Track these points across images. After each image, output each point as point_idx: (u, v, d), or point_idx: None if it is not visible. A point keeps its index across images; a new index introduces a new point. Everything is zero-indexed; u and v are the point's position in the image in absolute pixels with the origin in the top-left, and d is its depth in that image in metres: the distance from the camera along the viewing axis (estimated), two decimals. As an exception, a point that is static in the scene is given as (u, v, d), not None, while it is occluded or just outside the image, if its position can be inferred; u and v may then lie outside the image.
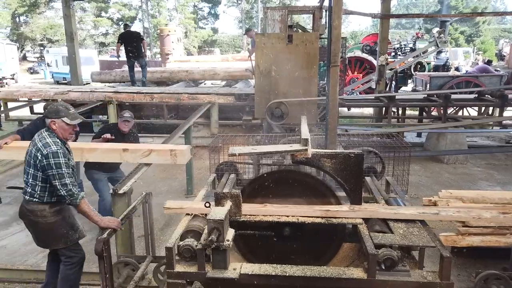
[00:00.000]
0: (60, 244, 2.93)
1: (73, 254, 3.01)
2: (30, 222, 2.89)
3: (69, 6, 10.25)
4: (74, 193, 2.77)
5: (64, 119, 2.84)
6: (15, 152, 4.00)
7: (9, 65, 24.97)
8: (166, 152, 3.89)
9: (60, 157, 2.75)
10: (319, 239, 2.80)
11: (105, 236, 2.63)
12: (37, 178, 2.81)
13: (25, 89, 9.45)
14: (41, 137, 2.82)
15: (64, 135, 2.89)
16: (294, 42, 6.02)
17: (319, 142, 4.36)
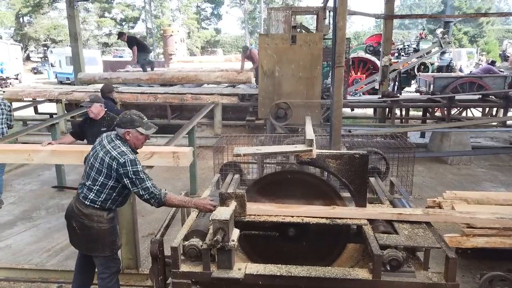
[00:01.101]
0: (107, 251, 2.88)
1: (112, 264, 2.97)
2: (82, 225, 2.81)
3: (73, 7, 10.29)
4: (156, 194, 2.70)
5: (139, 129, 2.78)
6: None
7: (13, 65, 25.09)
8: (169, 154, 3.85)
9: (137, 164, 2.71)
10: (323, 239, 2.80)
11: (158, 238, 2.62)
12: (105, 186, 2.76)
13: (29, 89, 9.51)
14: (114, 145, 2.75)
15: (137, 144, 2.85)
16: (297, 42, 6.03)
17: (323, 143, 4.37)
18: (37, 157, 3.91)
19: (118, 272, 3.05)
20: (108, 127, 4.31)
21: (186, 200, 2.76)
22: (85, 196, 2.79)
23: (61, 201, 5.69)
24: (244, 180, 3.95)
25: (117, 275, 3.03)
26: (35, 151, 3.88)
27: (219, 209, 2.52)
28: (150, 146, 4.43)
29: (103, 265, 2.93)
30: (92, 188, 2.77)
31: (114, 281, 2.99)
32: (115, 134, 2.85)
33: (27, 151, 3.92)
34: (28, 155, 3.89)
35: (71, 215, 2.87)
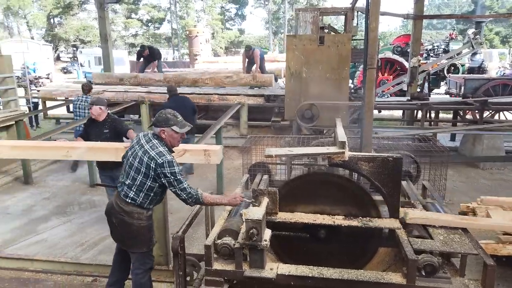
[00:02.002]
0: (144, 248, 2.96)
1: (147, 260, 3.04)
2: (122, 222, 2.88)
3: (103, 9, 10.58)
4: (193, 194, 2.76)
5: (173, 127, 2.83)
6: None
7: (44, 65, 25.93)
8: (200, 152, 3.91)
9: (175, 165, 2.76)
10: (355, 242, 2.79)
11: (180, 234, 2.69)
12: (144, 186, 2.82)
13: (62, 88, 9.84)
14: (152, 145, 2.80)
15: (172, 143, 2.90)
16: (325, 43, 6.00)
17: (351, 144, 4.33)
18: (75, 154, 4.04)
19: (152, 269, 3.12)
20: (110, 128, 4.41)
21: (220, 198, 2.88)
22: (126, 194, 2.86)
23: (92, 197, 5.87)
24: (273, 181, 3.98)
25: (150, 272, 3.10)
26: (73, 148, 4.01)
27: (252, 209, 2.55)
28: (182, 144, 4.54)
29: (139, 261, 3.00)
30: (132, 186, 2.84)
31: (147, 278, 3.06)
32: (152, 133, 2.90)
33: (65, 148, 4.05)
34: (67, 152, 4.02)
35: (111, 212, 2.95)
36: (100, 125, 4.41)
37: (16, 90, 8.13)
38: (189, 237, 4.58)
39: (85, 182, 6.44)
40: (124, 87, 9.20)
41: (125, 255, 3.13)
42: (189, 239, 4.56)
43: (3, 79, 7.81)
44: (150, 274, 3.11)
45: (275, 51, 27.15)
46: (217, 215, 4.00)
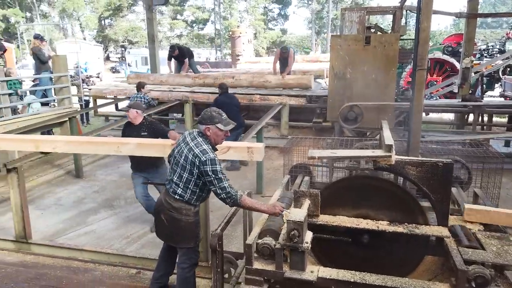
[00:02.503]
0: (191, 243, 3.06)
1: (193, 255, 3.13)
2: (171, 218, 2.97)
3: (151, 10, 10.95)
4: (232, 194, 2.80)
5: (218, 125, 2.89)
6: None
7: (95, 65, 27.27)
8: (244, 149, 3.98)
9: (217, 163, 2.82)
10: (399, 249, 2.70)
11: (218, 232, 2.75)
12: (190, 183, 2.90)
13: (112, 87, 10.30)
14: (197, 143, 2.88)
15: (217, 140, 2.96)
16: (372, 43, 5.85)
17: (396, 148, 4.20)
18: (125, 149, 4.22)
19: (196, 264, 3.20)
20: (148, 131, 4.50)
21: (259, 204, 2.84)
22: (174, 191, 2.95)
23: (137, 193, 6.09)
24: (314, 183, 3.94)
25: (195, 268, 3.18)
26: (123, 144, 4.19)
27: (294, 210, 2.53)
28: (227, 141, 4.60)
29: (185, 255, 3.10)
30: (179, 183, 2.93)
31: (192, 273, 3.15)
32: (198, 131, 2.98)
33: (116, 143, 4.24)
34: (117, 147, 4.21)
35: (160, 209, 3.04)
36: (137, 128, 4.53)
37: (70, 88, 8.59)
38: (228, 235, 4.64)
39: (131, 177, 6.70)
40: (168, 87, 9.46)
41: (171, 251, 3.24)
42: (228, 237, 4.61)
43: (59, 78, 8.29)
44: (194, 270, 3.19)
45: (317, 51, 26.84)
46: (255, 215, 4.03)
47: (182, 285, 3.13)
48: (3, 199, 5.75)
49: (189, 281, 3.15)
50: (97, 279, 3.73)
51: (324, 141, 5.08)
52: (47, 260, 4.13)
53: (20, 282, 3.67)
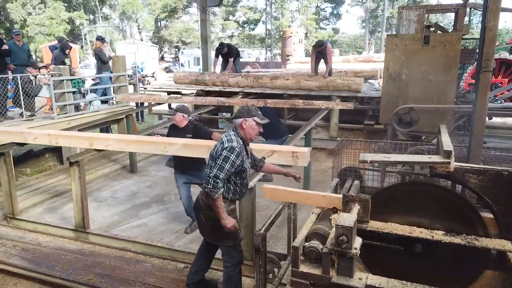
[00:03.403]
0: (230, 242, 3.08)
1: (235, 254, 3.15)
2: (208, 217, 3.03)
3: (205, 12, 11.22)
4: (217, 187, 2.85)
5: (255, 118, 3.02)
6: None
7: (150, 65, 28.55)
8: (288, 153, 3.93)
9: (233, 153, 2.87)
10: (455, 261, 2.54)
11: (262, 232, 2.78)
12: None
13: (165, 87, 10.69)
14: (227, 135, 3.03)
15: (251, 134, 3.05)
16: (431, 43, 5.55)
17: (455, 154, 3.96)
18: (171, 149, 4.36)
19: (241, 262, 3.22)
20: (193, 134, 4.56)
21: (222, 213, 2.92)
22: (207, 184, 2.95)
23: (187, 189, 6.26)
24: (364, 187, 3.82)
25: (240, 266, 3.20)
26: (170, 144, 4.33)
27: (343, 215, 2.47)
28: (271, 145, 4.57)
29: (226, 254, 3.14)
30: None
31: (237, 271, 3.18)
32: (232, 128, 3.11)
33: (163, 143, 4.39)
34: (164, 147, 4.36)
35: (198, 208, 3.12)
36: (182, 131, 4.62)
37: (127, 87, 9.04)
38: (274, 236, 4.63)
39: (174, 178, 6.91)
40: (217, 87, 9.62)
41: (210, 249, 3.32)
42: (274, 238, 4.60)
43: (118, 77, 8.74)
44: (240, 268, 3.22)
45: (370, 50, 26.08)
46: (300, 217, 3.98)
47: (227, 283, 3.17)
48: (65, 190, 6.17)
49: (233, 280, 3.17)
50: (147, 271, 3.88)
51: (376, 144, 4.91)
52: (102, 250, 4.37)
53: (78, 268, 3.92)
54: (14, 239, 4.60)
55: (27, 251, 4.30)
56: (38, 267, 3.94)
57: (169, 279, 3.73)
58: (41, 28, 34.50)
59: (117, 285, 3.63)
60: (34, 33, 34.12)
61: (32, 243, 4.51)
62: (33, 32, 34.08)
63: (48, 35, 34.10)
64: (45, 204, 5.75)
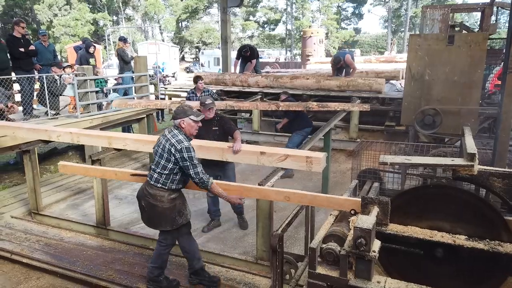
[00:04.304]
0: (168, 227, 3.36)
1: (170, 238, 3.47)
2: (149, 204, 3.32)
3: (226, 12, 11.27)
4: (204, 180, 3.21)
5: (191, 117, 3.27)
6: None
7: (171, 65, 28.90)
8: (302, 158, 3.82)
9: (191, 150, 3.19)
10: (477, 267, 2.47)
11: (279, 232, 2.78)
12: (166, 168, 3.24)
13: (185, 87, 10.79)
14: (173, 134, 3.25)
15: (191, 131, 3.32)
16: (456, 43, 5.41)
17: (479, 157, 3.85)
18: None
19: (173, 244, 3.55)
20: (219, 126, 4.54)
21: (223, 194, 3.32)
22: (151, 177, 3.31)
23: (204, 189, 6.31)
24: (383, 190, 3.76)
25: (171, 247, 3.55)
26: None
27: (361, 217, 2.43)
28: (285, 149, 4.49)
29: (162, 236, 3.49)
30: (156, 169, 3.28)
31: (168, 250, 3.54)
32: (173, 125, 3.35)
33: None
34: None
35: (140, 196, 3.41)
36: (209, 122, 4.57)
37: (148, 87, 9.18)
38: (291, 237, 4.61)
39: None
40: (237, 87, 9.65)
41: None
42: (291, 239, 4.58)
43: (139, 77, 8.89)
44: (170, 248, 3.56)
45: (393, 51, 25.67)
46: (317, 219, 3.95)
47: (156, 258, 3.53)
48: (87, 187, 6.31)
49: (162, 257, 3.53)
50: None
51: (397, 146, 4.84)
52: (122, 246, 4.44)
53: (98, 264, 4.00)
54: (38, 234, 4.73)
55: (50, 246, 4.41)
56: (60, 262, 4.04)
57: (186, 277, 3.77)
58: (67, 29, 35.48)
59: (136, 281, 3.69)
60: (59, 34, 35.12)
61: (55, 238, 4.63)
62: (58, 33, 35.08)
63: (73, 36, 35.04)
64: (67, 201, 5.89)
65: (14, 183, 6.65)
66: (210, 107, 4.51)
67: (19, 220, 5.16)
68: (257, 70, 10.52)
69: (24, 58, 7.02)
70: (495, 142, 3.30)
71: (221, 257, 4.10)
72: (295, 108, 6.46)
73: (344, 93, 8.29)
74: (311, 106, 6.51)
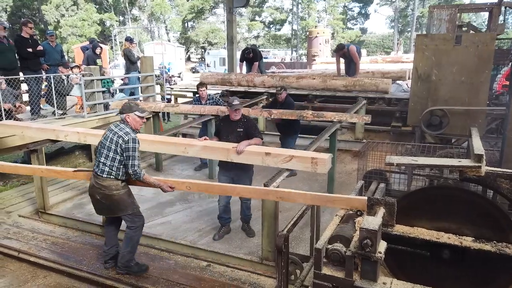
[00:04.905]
0: (129, 210, 3.61)
1: (137, 219, 3.68)
2: (105, 195, 3.52)
3: (232, 13, 11.29)
4: (138, 172, 3.48)
5: (136, 113, 3.55)
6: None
7: (177, 65, 28.97)
8: (307, 159, 3.81)
9: (136, 142, 3.48)
10: (484, 268, 2.46)
11: (284, 233, 2.78)
12: (115, 160, 3.49)
13: (191, 87, 10.81)
14: (120, 128, 3.53)
15: (136, 126, 3.59)
16: (463, 43, 5.37)
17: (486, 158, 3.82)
18: (191, 151, 4.40)
19: (143, 225, 3.78)
20: (244, 128, 4.48)
21: (155, 182, 3.58)
22: (102, 171, 3.51)
23: (211, 188, 6.31)
24: (389, 190, 3.74)
25: (142, 228, 3.77)
26: (190, 145, 4.36)
27: (367, 218, 2.42)
28: (290, 150, 4.41)
29: (130, 221, 3.66)
30: (106, 163, 3.49)
31: (139, 232, 3.75)
32: (120, 120, 3.62)
33: (184, 144, 4.42)
34: (184, 148, 4.40)
35: (93, 191, 3.59)
36: (235, 123, 4.54)
37: (154, 87, 9.21)
38: (296, 237, 4.60)
39: (205, 173, 6.98)
40: (243, 87, 9.66)
41: (114, 226, 3.86)
42: (296, 240, 4.58)
43: (145, 77, 8.93)
44: (141, 229, 3.78)
45: (399, 51, 25.54)
46: (323, 219, 3.94)
47: (128, 241, 3.69)
48: (93, 186, 6.35)
49: (135, 239, 3.72)
50: (171, 268, 3.94)
51: (403, 146, 4.81)
52: (128, 246, 4.46)
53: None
54: (45, 233, 4.77)
55: (57, 245, 4.45)
56: (67, 261, 4.07)
57: (192, 277, 3.78)
58: (73, 30, 35.71)
59: (142, 281, 3.70)
60: (66, 34, 35.36)
61: (62, 237, 4.67)
62: (65, 33, 35.32)
63: (79, 36, 35.27)
64: (74, 200, 5.93)
65: (22, 182, 6.70)
66: (236, 108, 4.48)
67: (27, 219, 5.20)
68: (262, 71, 10.53)
69: (32, 58, 7.07)
70: (502, 143, 3.27)
71: (226, 257, 4.10)
72: (289, 116, 6.08)
73: (350, 93, 8.25)
74: (306, 116, 6.00)
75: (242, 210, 4.73)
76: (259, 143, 4.29)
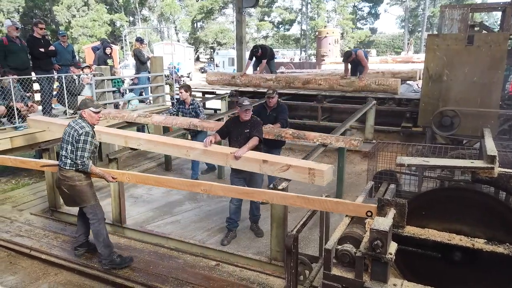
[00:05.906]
0: (92, 201, 3.86)
1: (98, 211, 3.90)
2: (69, 186, 3.77)
3: (241, 13, 11.31)
4: (86, 164, 3.69)
5: (91, 108, 3.78)
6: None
7: (186, 65, 29.11)
8: (305, 169, 3.58)
9: (89, 136, 3.70)
10: (496, 270, 2.42)
11: (294, 233, 2.78)
12: (74, 152, 3.71)
13: (200, 87, 10.87)
14: (77, 123, 3.77)
15: (91, 121, 3.81)
16: (475, 43, 5.31)
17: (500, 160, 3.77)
18: (193, 154, 4.36)
19: (104, 218, 4.00)
20: (251, 129, 4.41)
21: (100, 173, 3.79)
22: (65, 163, 3.76)
23: (219, 188, 6.32)
24: (400, 191, 3.71)
25: (104, 221, 3.98)
26: (192, 148, 4.30)
27: (378, 219, 2.41)
28: (289, 158, 4.22)
29: (91, 213, 3.87)
30: (67, 156, 3.74)
31: (103, 225, 3.93)
32: (78, 117, 3.84)
33: (186, 147, 4.37)
34: (186, 151, 4.36)
35: (59, 183, 3.83)
36: (243, 124, 4.51)
37: (164, 87, 9.26)
38: (305, 238, 4.59)
39: (214, 173, 6.99)
40: (251, 88, 9.67)
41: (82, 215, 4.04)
42: (305, 240, 4.56)
43: (155, 78, 8.98)
44: (104, 223, 3.97)
45: (409, 51, 25.33)
46: (332, 220, 3.92)
47: (97, 236, 3.88)
48: (103, 186, 6.39)
49: (102, 233, 3.88)
50: (180, 267, 3.96)
51: (414, 147, 4.77)
52: (137, 244, 4.50)
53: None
54: (56, 231, 4.83)
55: (67, 243, 4.50)
56: (78, 258, 4.12)
57: (201, 276, 3.79)
58: (84, 30, 36.09)
59: (151, 279, 3.73)
60: (77, 34, 35.74)
61: (73, 235, 4.71)
62: (76, 33, 35.71)
63: (90, 37, 35.63)
64: (85, 198, 5.99)
65: (33, 181, 6.79)
66: (246, 109, 4.44)
67: (38, 217, 5.27)
68: (272, 71, 10.47)
69: (44, 58, 7.16)
70: (516, 144, 3.22)
71: (235, 257, 4.10)
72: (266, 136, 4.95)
73: (360, 93, 8.22)
74: (285, 136, 5.15)
75: (251, 210, 4.73)
76: (256, 143, 4.22)
